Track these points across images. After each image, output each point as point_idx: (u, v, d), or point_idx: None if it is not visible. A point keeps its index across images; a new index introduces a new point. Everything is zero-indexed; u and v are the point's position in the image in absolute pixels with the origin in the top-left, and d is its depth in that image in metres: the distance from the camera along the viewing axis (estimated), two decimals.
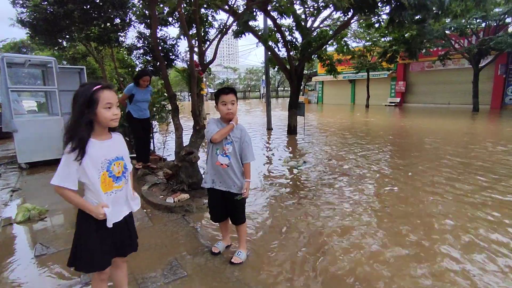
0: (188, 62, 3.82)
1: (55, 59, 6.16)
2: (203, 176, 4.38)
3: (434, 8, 6.78)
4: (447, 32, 15.96)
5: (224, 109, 2.32)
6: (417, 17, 8.31)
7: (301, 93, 35.32)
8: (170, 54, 8.44)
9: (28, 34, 8.06)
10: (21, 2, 7.38)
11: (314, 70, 33.05)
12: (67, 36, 8.38)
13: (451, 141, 8.11)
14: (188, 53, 4.39)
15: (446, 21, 14.33)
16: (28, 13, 7.58)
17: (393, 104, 24.90)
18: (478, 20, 15.59)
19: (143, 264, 2.45)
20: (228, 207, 2.48)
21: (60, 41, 8.61)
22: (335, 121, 14.27)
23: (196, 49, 4.36)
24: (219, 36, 5.13)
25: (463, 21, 14.36)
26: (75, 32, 8.22)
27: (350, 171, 5.30)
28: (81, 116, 1.49)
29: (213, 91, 55.85)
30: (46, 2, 7.18)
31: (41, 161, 5.78)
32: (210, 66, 5.80)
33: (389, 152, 6.95)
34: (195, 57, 4.17)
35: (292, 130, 9.92)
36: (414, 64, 23.55)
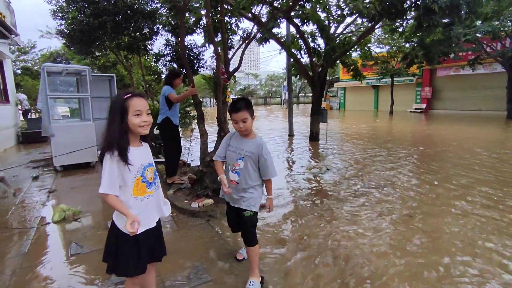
0: (214, 70, 3.92)
1: (89, 68, 6.52)
2: None
3: (465, 9, 6.54)
4: (478, 35, 15.28)
5: (236, 128, 2.21)
6: (445, 20, 8.05)
7: (323, 99, 35.06)
8: (196, 62, 8.68)
9: (65, 44, 8.61)
10: (60, 15, 7.92)
11: (336, 76, 32.68)
12: (100, 46, 8.85)
13: (485, 151, 7.71)
14: (214, 60, 4.52)
15: (477, 23, 13.75)
16: (66, 25, 8.11)
17: (419, 110, 24.07)
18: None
19: (169, 268, 2.52)
20: (239, 222, 2.39)
21: (93, 50, 9.11)
22: (358, 128, 14.00)
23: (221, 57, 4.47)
24: (243, 44, 5.22)
25: (496, 23, 13.69)
26: (107, 41, 8.67)
27: (374, 179, 5.17)
28: (116, 124, 1.56)
29: (234, 97, 56.67)
30: (82, 15, 7.66)
31: (73, 164, 6.10)
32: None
33: (415, 162, 6.71)
34: (221, 65, 4.27)
35: (314, 136, 9.84)
36: (441, 69, 22.71)
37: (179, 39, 4.76)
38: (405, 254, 2.73)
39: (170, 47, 9.13)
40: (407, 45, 14.40)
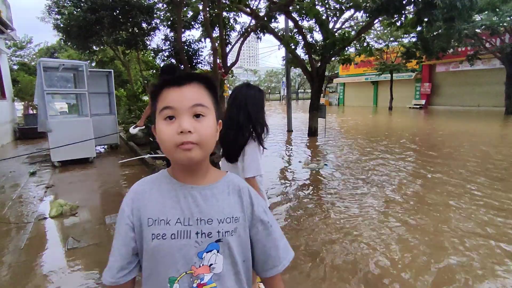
0: (212, 64, 3.90)
1: (86, 63, 6.48)
2: None
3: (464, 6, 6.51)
4: (477, 30, 15.24)
5: (170, 138, 0.89)
6: (447, 16, 8.01)
7: (322, 95, 34.98)
8: (194, 57, 8.63)
9: (62, 39, 8.55)
10: (56, 10, 7.84)
11: (336, 72, 32.59)
12: (97, 41, 8.79)
13: (483, 147, 7.72)
14: (212, 55, 4.47)
15: (476, 19, 13.69)
16: (63, 20, 8.04)
17: (418, 106, 24.06)
18: (511, 17, 14.75)
19: None
20: None
21: (91, 45, 9.04)
22: (356, 123, 14.00)
23: (219, 52, 4.44)
24: (241, 38, 5.19)
25: (495, 18, 13.63)
26: (104, 36, 8.61)
27: (372, 175, 5.18)
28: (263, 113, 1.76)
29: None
30: (79, 10, 7.59)
31: (71, 160, 6.09)
32: (232, 70, 5.87)
33: (413, 158, 6.72)
34: (218, 60, 4.24)
35: (312, 132, 9.84)
36: (440, 65, 22.67)
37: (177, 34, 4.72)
38: (400, 243, 2.74)
39: (168, 42, 9.08)
40: (406, 40, 14.39)
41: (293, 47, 9.73)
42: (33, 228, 3.27)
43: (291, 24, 9.68)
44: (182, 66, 8.61)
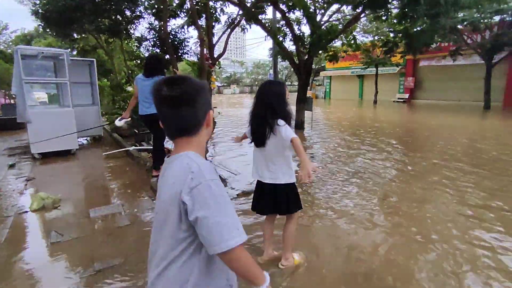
0: (198, 55, 3.83)
1: (67, 52, 6.24)
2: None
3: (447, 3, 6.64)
4: (459, 26, 15.60)
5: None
6: (431, 11, 8.16)
7: (309, 88, 35.12)
8: (180, 48, 8.45)
9: (40, 26, 8.17)
10: None
11: (322, 65, 32.73)
12: (78, 28, 8.46)
13: (459, 141, 8.00)
14: (198, 46, 4.39)
15: (459, 15, 13.99)
16: (41, 5, 7.67)
17: (402, 100, 24.58)
18: (492, 14, 15.18)
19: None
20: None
21: (71, 33, 8.69)
22: (342, 116, 14.18)
23: (206, 42, 4.37)
24: (228, 29, 5.11)
25: (477, 15, 14.00)
26: (86, 24, 8.29)
27: (357, 167, 5.29)
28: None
29: (220, 85, 55.91)
30: None
31: (53, 152, 5.90)
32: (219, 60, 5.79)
33: (394, 149, 6.90)
34: (205, 50, 4.18)
35: (299, 125, 9.90)
36: (423, 60, 23.14)
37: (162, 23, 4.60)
38: (376, 226, 2.84)
39: (153, 31, 8.84)
40: (392, 34, 14.58)
41: (280, 39, 9.69)
42: (13, 222, 3.18)
43: (279, 15, 9.62)
44: (167, 56, 8.44)
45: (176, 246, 0.90)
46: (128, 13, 8.52)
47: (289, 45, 10.50)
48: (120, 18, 8.50)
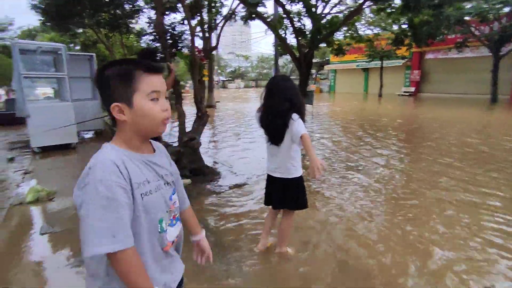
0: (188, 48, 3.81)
1: (64, 46, 6.27)
2: (205, 162, 4.46)
3: None
4: (466, 18, 15.23)
5: (158, 115, 0.93)
6: (433, 2, 7.97)
7: (313, 81, 34.78)
8: (179, 41, 8.42)
9: (40, 20, 8.22)
10: None
11: (327, 58, 32.35)
12: (78, 22, 8.48)
13: (465, 135, 7.87)
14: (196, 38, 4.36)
15: (467, 6, 13.67)
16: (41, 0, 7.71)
17: (407, 93, 24.23)
18: (500, 5, 14.78)
19: None
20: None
21: (71, 27, 8.73)
22: (345, 110, 14.06)
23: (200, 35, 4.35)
24: (222, 22, 5.06)
25: (485, 6, 13.63)
26: (85, 18, 8.31)
27: (357, 160, 5.25)
28: None
29: (225, 79, 55.75)
30: None
31: (52, 145, 5.98)
32: (222, 55, 5.73)
33: (397, 144, 6.82)
34: (200, 43, 4.17)
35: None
36: (429, 52, 22.72)
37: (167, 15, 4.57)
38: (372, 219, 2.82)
39: (152, 25, 8.82)
40: (395, 26, 14.32)
41: (281, 32, 9.57)
42: (7, 213, 3.24)
43: (280, 9, 9.49)
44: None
45: None
46: (127, 7, 8.51)
47: (291, 39, 10.38)
48: (120, 13, 8.49)
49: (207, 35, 4.42)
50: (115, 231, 0.79)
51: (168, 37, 6.30)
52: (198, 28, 4.51)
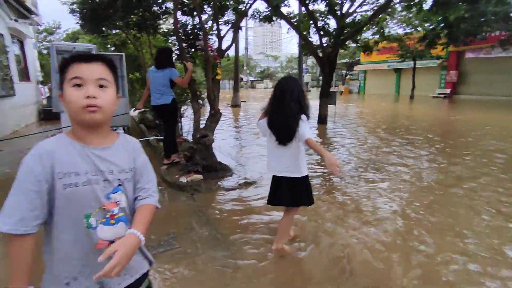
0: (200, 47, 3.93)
1: (95, 46, 6.73)
2: (217, 159, 4.57)
3: None
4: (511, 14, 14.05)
5: (76, 103, 0.90)
6: None
7: (342, 82, 33.97)
8: (198, 39, 8.64)
9: (78, 23, 8.86)
10: None
11: (357, 59, 31.46)
12: (110, 24, 9.02)
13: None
14: (217, 39, 4.46)
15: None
16: (78, 4, 8.32)
17: (442, 95, 22.87)
18: None
19: (146, 234, 2.68)
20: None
21: (104, 29, 9.30)
22: (372, 112, 13.61)
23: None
24: (242, 21, 5.14)
25: None
26: (117, 20, 8.81)
27: (377, 164, 5.09)
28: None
29: (253, 79, 56.06)
30: None
31: None
32: (252, 55, 5.80)
33: (427, 151, 6.50)
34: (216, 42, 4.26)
35: (322, 119, 9.70)
36: (469, 51, 21.25)
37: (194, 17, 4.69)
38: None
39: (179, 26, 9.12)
40: (426, 24, 13.55)
41: (304, 32, 9.51)
42: None
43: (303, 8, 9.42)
44: (193, 50, 8.67)
45: None
46: (155, 8, 8.89)
47: (316, 39, 10.27)
48: (148, 14, 8.89)
49: (220, 34, 4.49)
50: (12, 213, 0.83)
51: (190, 37, 6.49)
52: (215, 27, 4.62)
